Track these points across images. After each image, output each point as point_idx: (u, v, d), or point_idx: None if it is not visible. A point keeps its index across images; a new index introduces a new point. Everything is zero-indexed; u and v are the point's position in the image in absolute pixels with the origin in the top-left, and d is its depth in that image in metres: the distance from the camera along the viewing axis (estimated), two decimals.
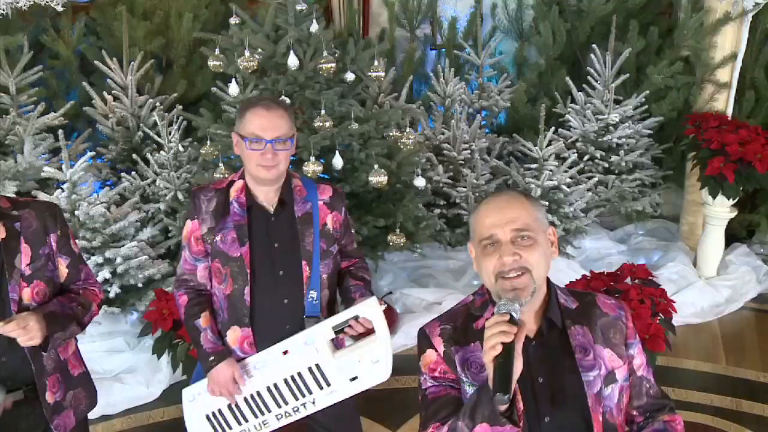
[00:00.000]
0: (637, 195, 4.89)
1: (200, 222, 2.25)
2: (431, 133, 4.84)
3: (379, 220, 3.89)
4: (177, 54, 5.03)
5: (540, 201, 1.60)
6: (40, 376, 2.05)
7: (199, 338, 2.28)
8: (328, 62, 3.65)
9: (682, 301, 4.26)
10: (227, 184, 2.29)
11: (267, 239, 2.25)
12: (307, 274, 2.26)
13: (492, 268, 1.54)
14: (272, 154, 2.14)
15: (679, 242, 5.11)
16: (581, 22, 5.21)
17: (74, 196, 3.68)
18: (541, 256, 1.56)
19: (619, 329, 1.67)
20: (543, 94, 5.27)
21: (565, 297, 1.68)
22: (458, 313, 1.69)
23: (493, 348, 1.42)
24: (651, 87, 4.94)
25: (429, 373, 1.64)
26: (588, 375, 1.59)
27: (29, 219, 2.03)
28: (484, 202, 1.63)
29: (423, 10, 5.80)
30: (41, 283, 2.04)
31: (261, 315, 2.27)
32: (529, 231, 1.55)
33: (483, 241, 1.57)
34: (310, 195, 2.31)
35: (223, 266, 2.25)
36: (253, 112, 2.17)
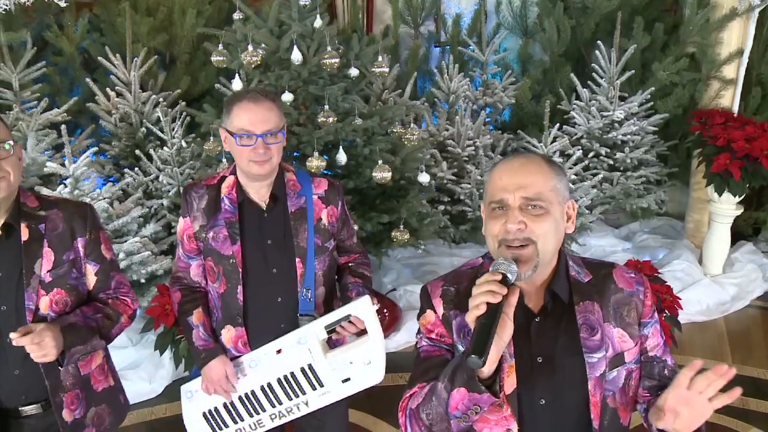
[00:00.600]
0: (642, 192, 4.86)
1: (192, 219, 2.19)
2: (435, 130, 4.82)
3: (383, 216, 3.87)
4: (180, 50, 5.02)
5: (563, 169, 1.50)
6: (55, 393, 1.90)
7: (191, 335, 2.23)
8: (332, 57, 3.64)
9: (687, 299, 4.22)
10: (218, 180, 2.21)
11: (259, 236, 2.18)
12: (300, 271, 2.18)
13: (496, 232, 1.43)
14: (264, 148, 2.06)
15: (685, 240, 5.08)
16: (586, 18, 5.18)
17: (77, 192, 3.67)
18: (551, 228, 1.42)
19: (634, 306, 1.52)
20: (547, 91, 5.25)
21: (578, 269, 1.54)
22: (463, 275, 1.58)
23: (477, 307, 1.33)
24: (656, 84, 4.91)
25: (426, 333, 1.56)
26: (592, 356, 1.47)
27: (56, 220, 1.89)
28: (502, 161, 1.50)
29: (427, 7, 5.78)
30: (62, 292, 1.89)
31: (254, 314, 2.21)
32: (540, 200, 1.41)
33: (492, 203, 1.45)
34: (304, 189, 2.22)
35: (216, 264, 2.18)
36: (240, 106, 2.08)
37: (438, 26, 5.94)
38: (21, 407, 1.91)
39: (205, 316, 2.25)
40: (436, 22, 5.94)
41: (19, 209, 1.86)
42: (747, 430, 3.33)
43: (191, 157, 4.23)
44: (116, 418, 2.11)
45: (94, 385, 2.01)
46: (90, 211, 1.96)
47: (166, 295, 3.36)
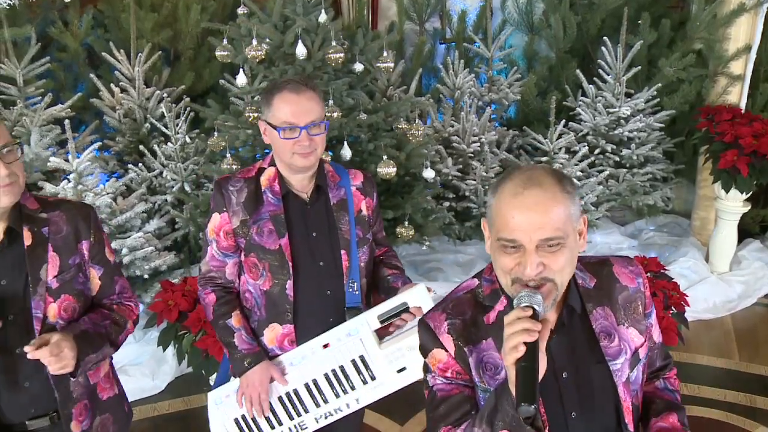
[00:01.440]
0: (648, 189, 4.83)
1: (230, 215, 2.10)
2: (440, 126, 4.80)
3: (388, 212, 3.85)
4: (185, 46, 5.00)
5: (574, 185, 1.41)
6: (65, 405, 1.82)
7: (233, 339, 2.13)
8: (337, 52, 3.61)
9: (694, 297, 4.18)
10: (256, 171, 2.15)
11: (305, 229, 2.13)
12: (346, 263, 2.14)
13: (509, 268, 1.36)
14: (309, 140, 2.01)
15: (691, 237, 5.05)
16: (592, 14, 5.15)
17: (80, 187, 3.66)
18: (568, 261, 1.37)
19: (640, 301, 1.52)
20: (553, 88, 5.22)
21: (582, 275, 1.51)
22: (464, 302, 1.49)
23: (515, 349, 1.26)
24: (663, 80, 4.87)
25: (439, 373, 1.47)
26: (615, 363, 1.46)
27: (59, 223, 1.79)
28: (510, 188, 1.36)
29: (432, 4, 5.75)
30: (70, 298, 1.80)
31: (304, 309, 2.13)
32: (558, 238, 1.34)
33: (502, 239, 1.35)
34: (343, 180, 2.19)
35: (260, 260, 2.10)
36: (281, 97, 2.02)
37: (443, 23, 5.91)
38: (28, 421, 1.81)
39: (244, 318, 2.16)
40: (442, 19, 5.91)
41: (20, 212, 1.76)
42: (755, 428, 3.30)
43: (195, 153, 4.22)
44: (120, 427, 2.03)
45: (100, 393, 1.95)
46: (93, 212, 1.88)
47: (169, 290, 3.34)
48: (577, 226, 1.40)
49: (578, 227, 1.41)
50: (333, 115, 3.62)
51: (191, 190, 4.12)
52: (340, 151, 3.70)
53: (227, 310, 2.16)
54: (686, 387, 3.54)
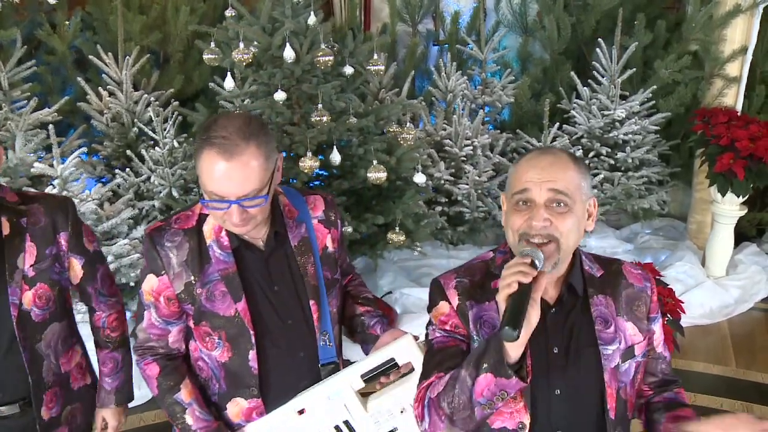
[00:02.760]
0: (643, 193, 4.77)
1: (171, 278, 1.73)
2: (432, 129, 4.74)
3: (378, 217, 3.79)
4: (174, 49, 4.94)
5: (587, 167, 1.52)
6: (37, 390, 1.87)
7: (184, 416, 1.80)
8: (326, 55, 3.55)
9: (690, 302, 4.15)
10: (197, 220, 1.75)
11: (265, 284, 1.77)
12: (317, 314, 1.81)
13: (518, 225, 1.45)
14: (239, 214, 1.61)
15: (687, 241, 5.00)
16: (586, 15, 5.10)
17: (65, 193, 3.59)
18: (574, 226, 1.44)
19: (644, 302, 1.57)
20: (547, 90, 5.16)
21: (590, 264, 1.58)
22: (476, 268, 1.59)
23: (508, 286, 1.34)
24: (658, 82, 4.82)
25: (439, 325, 1.56)
26: (607, 348, 1.51)
27: (37, 215, 1.84)
28: (528, 156, 1.51)
29: (425, 5, 5.70)
30: (44, 286, 1.85)
31: (273, 380, 1.80)
32: (567, 196, 1.43)
33: (516, 195, 1.46)
34: (301, 214, 1.83)
35: (214, 329, 1.76)
36: (209, 160, 1.57)
37: (436, 24, 5.86)
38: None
39: (194, 387, 1.82)
40: (435, 20, 5.86)
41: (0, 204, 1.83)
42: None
43: (183, 158, 4.16)
44: (86, 419, 2.07)
45: (71, 383, 1.99)
46: (71, 205, 1.92)
47: None
48: (585, 201, 1.48)
49: (587, 205, 1.49)
50: (322, 119, 3.56)
51: (179, 196, 4.05)
52: (329, 155, 3.64)
53: (175, 381, 1.81)
54: None
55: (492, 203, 4.58)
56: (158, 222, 1.79)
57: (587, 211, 1.49)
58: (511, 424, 1.49)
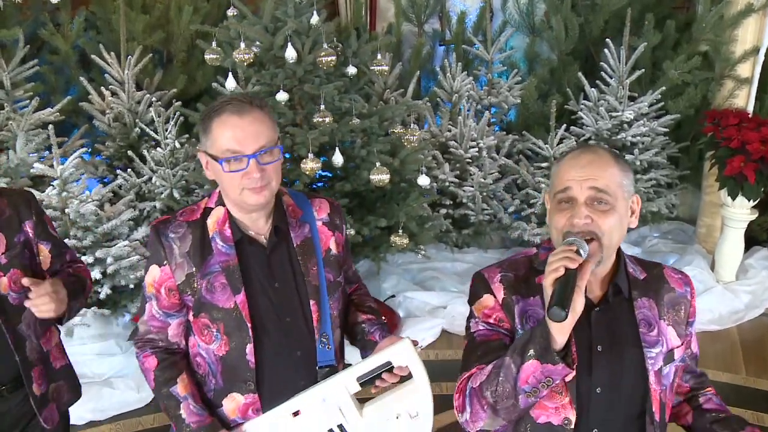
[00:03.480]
0: (652, 196, 4.70)
1: (173, 268, 1.75)
2: (437, 130, 4.68)
3: (381, 220, 3.74)
4: (177, 48, 4.90)
5: (629, 165, 1.54)
6: (25, 368, 1.94)
7: (179, 410, 1.79)
8: (328, 55, 3.50)
9: (699, 307, 3.98)
10: (201, 213, 1.79)
11: (265, 280, 1.78)
12: (316, 315, 1.81)
13: (561, 224, 1.47)
14: (259, 171, 1.65)
15: (696, 245, 4.92)
16: (595, 15, 5.03)
17: (64, 194, 3.56)
18: (616, 224, 1.46)
19: (684, 307, 1.59)
20: (554, 91, 5.09)
21: (633, 266, 1.59)
22: (520, 263, 1.61)
23: (555, 270, 1.35)
24: (667, 83, 4.75)
25: (483, 318, 1.56)
26: (651, 351, 1.52)
27: (1, 207, 1.94)
28: (570, 154, 1.52)
29: (431, 5, 5.63)
30: (17, 271, 1.93)
31: (270, 376, 1.81)
32: (608, 194, 1.45)
33: (558, 194, 1.49)
34: (306, 215, 1.84)
35: (213, 321, 1.76)
36: (222, 121, 1.66)
37: (443, 24, 5.80)
38: None
39: (191, 383, 1.83)
40: (441, 20, 5.80)
41: None
42: None
43: (185, 159, 4.12)
44: (73, 395, 2.16)
45: (53, 362, 2.07)
46: (32, 197, 2.03)
47: None
48: (628, 198, 1.49)
49: (630, 203, 1.51)
50: (324, 120, 3.51)
51: (180, 197, 4.01)
52: (332, 157, 3.59)
53: (172, 374, 1.82)
54: None
55: (497, 206, 4.51)
56: (164, 216, 1.86)
57: (630, 209, 1.51)
58: (557, 420, 1.50)
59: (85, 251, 3.56)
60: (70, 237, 3.54)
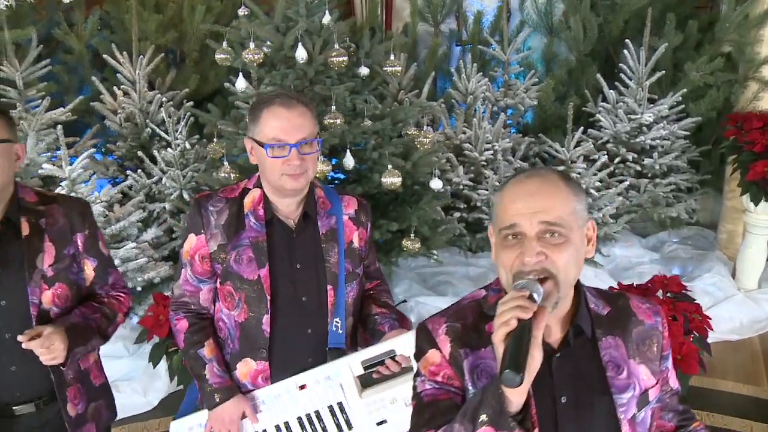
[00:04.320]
0: (671, 200, 4.59)
1: (208, 237, 1.94)
2: (452, 132, 4.60)
3: (392, 224, 3.66)
4: (190, 48, 4.87)
5: (582, 187, 1.37)
6: (60, 388, 1.91)
7: (203, 371, 1.98)
8: (340, 55, 3.43)
9: (718, 316, 3.97)
10: (240, 192, 1.98)
11: (288, 259, 1.95)
12: (332, 299, 1.97)
13: (510, 264, 1.28)
14: (299, 159, 1.84)
15: (717, 251, 4.80)
16: (614, 15, 4.94)
17: (72, 194, 3.53)
18: (572, 258, 1.29)
19: (656, 340, 1.43)
20: (572, 92, 5.01)
21: (595, 301, 1.42)
22: (467, 309, 1.42)
23: (506, 324, 1.18)
24: (689, 85, 4.65)
25: (430, 376, 1.38)
26: (621, 397, 1.36)
27: (55, 215, 1.89)
28: (513, 181, 1.34)
29: (448, 4, 5.56)
30: (63, 286, 1.90)
31: (281, 346, 1.97)
32: (561, 226, 1.27)
33: (504, 230, 1.30)
34: (334, 208, 2.01)
35: (236, 290, 1.94)
36: (270, 111, 1.85)
37: (459, 24, 5.72)
38: (14, 406, 1.89)
39: (217, 348, 2.01)
40: (458, 20, 5.72)
41: (18, 204, 1.87)
42: None
43: (195, 160, 4.08)
44: (111, 414, 2.13)
45: (93, 380, 2.03)
46: (89, 207, 2.00)
47: (161, 304, 3.19)
48: (582, 226, 1.33)
49: (585, 230, 1.34)
50: (335, 121, 3.45)
51: (190, 198, 3.97)
52: (343, 159, 3.53)
53: (200, 338, 2.01)
54: (708, 417, 3.31)
55: None
56: (206, 191, 2.06)
57: (586, 237, 1.34)
58: None
59: None
60: None
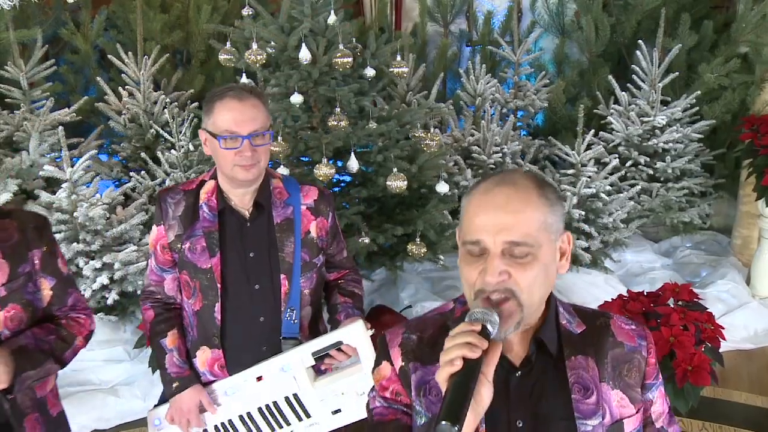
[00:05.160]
0: (684, 205, 4.49)
1: (167, 228, 2.01)
2: (460, 135, 4.52)
3: (398, 228, 3.59)
4: (195, 48, 4.83)
5: (558, 193, 1.23)
6: (17, 418, 1.75)
7: (164, 360, 2.05)
8: (344, 56, 3.37)
9: (732, 324, 3.87)
10: (197, 185, 2.04)
11: (241, 248, 2.00)
12: (285, 289, 2.00)
13: (473, 280, 1.17)
14: (251, 150, 1.89)
15: (731, 257, 4.68)
16: (627, 15, 4.84)
17: (74, 197, 3.49)
18: (539, 277, 1.16)
19: (636, 365, 1.28)
20: (584, 94, 4.91)
21: (569, 317, 1.29)
22: (430, 321, 1.31)
23: (450, 363, 1.07)
24: (703, 87, 4.54)
25: (380, 391, 1.29)
26: (585, 424, 1.22)
27: (10, 230, 1.74)
28: (483, 187, 1.20)
29: (458, 4, 5.49)
30: (17, 307, 1.74)
31: (233, 335, 2.02)
32: (527, 244, 1.15)
33: (467, 243, 1.18)
34: (291, 198, 2.04)
35: (192, 279, 2.00)
36: (223, 104, 1.89)
37: (470, 24, 5.64)
38: None
39: (180, 338, 2.08)
40: (468, 20, 5.64)
41: None
42: None
43: (199, 161, 4.03)
44: None
45: (50, 409, 1.88)
46: (47, 223, 1.84)
47: None
48: (556, 239, 1.20)
49: (558, 243, 1.21)
50: (339, 123, 3.39)
51: None
52: (347, 162, 3.47)
53: (163, 328, 2.07)
54: (720, 429, 3.21)
55: None
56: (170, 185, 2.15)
57: (559, 250, 1.21)
58: None
59: (94, 256, 3.50)
60: (79, 241, 3.47)
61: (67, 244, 3.46)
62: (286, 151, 3.41)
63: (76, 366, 3.57)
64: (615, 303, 3.13)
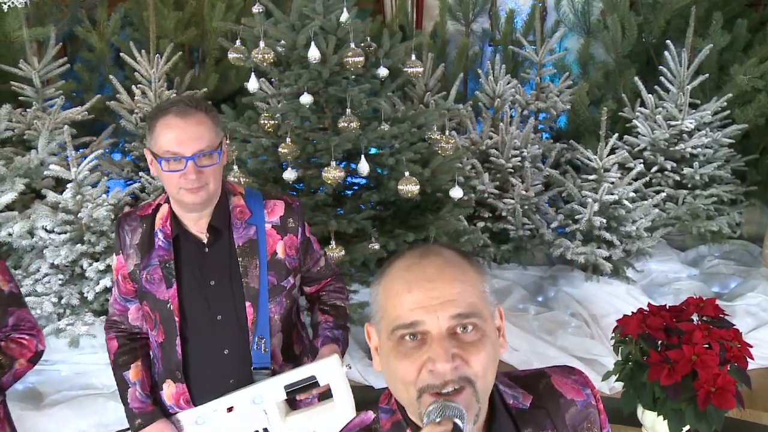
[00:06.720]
0: (712, 213, 4.29)
1: (125, 257, 1.86)
2: (478, 137, 4.38)
3: (409, 234, 3.46)
4: (210, 46, 4.75)
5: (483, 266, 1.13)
6: None
7: (126, 395, 1.92)
8: (356, 55, 3.25)
9: (762, 340, 3.67)
10: (153, 209, 1.86)
11: (200, 276, 1.84)
12: (252, 317, 1.85)
13: (412, 376, 0.97)
14: (196, 173, 1.69)
15: (762, 268, 4.46)
16: (655, 14, 4.66)
17: (79, 197, 3.43)
18: (491, 358, 1.00)
19: (593, 420, 1.17)
20: (609, 96, 4.74)
21: (512, 393, 1.13)
22: None
23: None
24: (735, 89, 4.34)
25: None
26: None
27: None
28: (401, 264, 1.03)
29: (480, 2, 5.34)
30: None
31: (196, 369, 1.89)
32: (476, 317, 0.98)
33: (398, 330, 0.98)
34: (254, 217, 1.86)
35: (152, 310, 1.86)
36: (164, 122, 1.71)
37: (492, 23, 5.49)
38: None
39: (144, 370, 1.94)
40: (491, 19, 5.49)
41: None
42: None
43: None
44: None
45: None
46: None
47: None
48: (494, 314, 1.04)
49: (496, 318, 1.04)
50: (350, 125, 3.28)
51: None
52: (357, 165, 3.35)
53: (126, 360, 1.94)
54: None
55: (539, 220, 4.18)
56: (130, 209, 1.97)
57: (496, 327, 1.04)
58: None
59: (98, 257, 3.43)
60: (84, 242, 3.41)
61: (71, 245, 3.41)
62: (294, 153, 3.31)
63: (78, 369, 3.52)
64: (634, 318, 2.96)
